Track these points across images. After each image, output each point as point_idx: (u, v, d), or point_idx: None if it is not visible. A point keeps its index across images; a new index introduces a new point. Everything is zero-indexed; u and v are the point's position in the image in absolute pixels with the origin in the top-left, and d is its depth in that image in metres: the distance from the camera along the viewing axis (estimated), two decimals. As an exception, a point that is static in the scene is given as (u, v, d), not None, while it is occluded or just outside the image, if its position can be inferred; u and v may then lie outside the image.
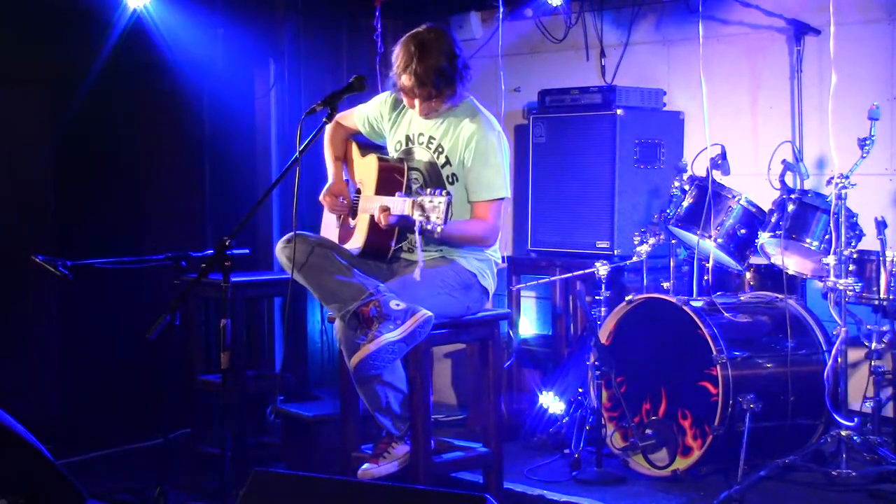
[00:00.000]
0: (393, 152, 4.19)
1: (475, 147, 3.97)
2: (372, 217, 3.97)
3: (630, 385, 4.71)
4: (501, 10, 5.36)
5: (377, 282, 3.89)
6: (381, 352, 3.72)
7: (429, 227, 3.58)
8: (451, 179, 4.04)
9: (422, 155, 4.10)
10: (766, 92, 5.34)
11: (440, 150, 4.06)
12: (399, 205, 3.73)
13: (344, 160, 4.33)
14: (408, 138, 4.14)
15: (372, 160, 4.12)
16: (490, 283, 4.12)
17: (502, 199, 4.01)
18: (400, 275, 4.02)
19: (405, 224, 3.78)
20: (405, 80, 3.93)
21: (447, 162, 4.04)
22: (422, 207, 3.60)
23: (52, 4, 5.29)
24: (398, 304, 3.76)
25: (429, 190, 3.65)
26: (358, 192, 4.18)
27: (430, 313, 3.76)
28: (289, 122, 6.05)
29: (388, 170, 4.07)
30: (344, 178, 4.29)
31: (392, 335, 3.71)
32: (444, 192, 3.59)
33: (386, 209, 3.77)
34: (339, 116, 4.09)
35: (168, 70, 5.64)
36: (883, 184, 4.99)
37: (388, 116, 4.21)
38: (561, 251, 5.47)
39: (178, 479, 4.68)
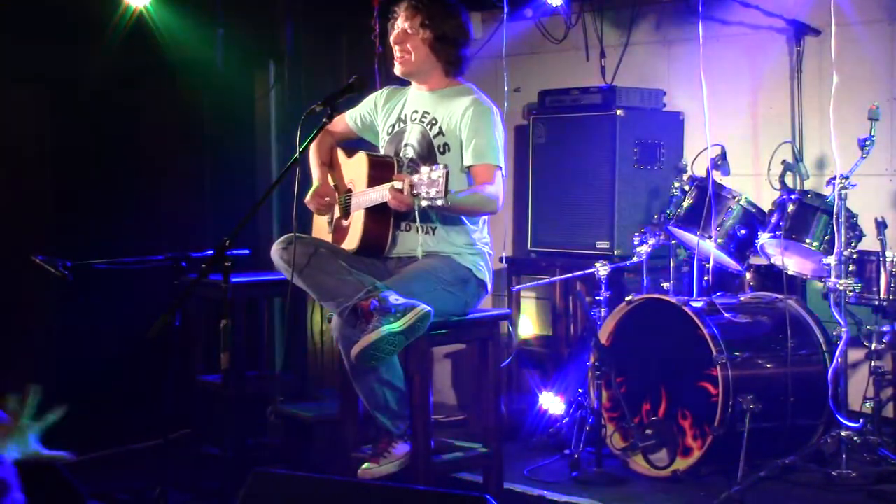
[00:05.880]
0: (385, 136, 4.21)
1: (471, 116, 4.00)
2: (367, 212, 3.98)
3: (630, 385, 4.71)
4: (506, 10, 5.36)
5: (374, 279, 3.89)
6: (383, 342, 3.70)
7: (431, 203, 3.57)
8: (442, 149, 4.05)
9: (413, 130, 4.13)
10: (767, 92, 5.34)
11: (434, 121, 4.09)
12: (398, 185, 3.70)
13: (330, 167, 4.33)
14: (400, 119, 4.18)
15: (361, 157, 4.13)
16: (486, 276, 4.12)
17: (500, 167, 4.02)
18: (396, 273, 4.02)
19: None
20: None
21: (440, 132, 4.06)
22: (420, 184, 3.58)
23: (52, 4, 5.29)
24: (398, 299, 3.75)
25: (423, 168, 3.63)
26: (348, 191, 4.18)
27: (429, 308, 3.76)
28: (289, 122, 6.04)
29: (379, 164, 4.08)
30: (333, 183, 4.30)
31: (393, 327, 3.70)
32: (440, 166, 3.57)
33: (398, 191, 3.71)
34: (328, 126, 4.11)
35: (168, 70, 5.65)
36: (883, 184, 4.99)
37: (382, 107, 4.27)
38: (561, 251, 5.47)
39: (178, 479, 4.68)
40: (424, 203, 3.58)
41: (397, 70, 4.16)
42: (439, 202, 3.55)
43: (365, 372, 3.94)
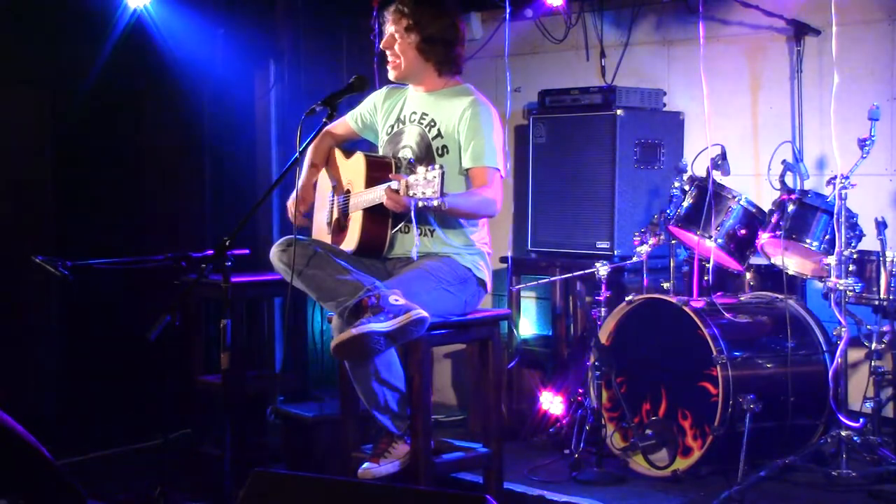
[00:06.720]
0: (384, 136, 4.21)
1: (469, 117, 3.99)
2: (365, 213, 3.97)
3: (630, 385, 4.71)
4: (508, 10, 5.36)
5: (374, 278, 3.89)
6: (363, 339, 3.66)
7: (427, 203, 3.57)
8: (440, 151, 4.04)
9: (412, 131, 4.12)
10: (767, 92, 5.34)
11: (432, 123, 4.08)
12: (395, 185, 3.71)
13: (328, 167, 4.33)
14: (399, 120, 4.18)
15: (359, 158, 4.13)
16: (486, 275, 4.12)
17: (498, 170, 4.02)
18: (396, 274, 4.02)
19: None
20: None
21: (438, 134, 4.06)
22: (416, 185, 3.58)
23: (52, 4, 5.29)
24: (397, 300, 3.74)
25: (419, 168, 3.63)
26: (347, 192, 4.18)
27: (425, 313, 3.74)
28: (289, 122, 6.05)
29: (376, 164, 4.08)
30: (331, 183, 4.30)
31: (379, 326, 3.67)
32: (436, 166, 3.58)
33: (394, 192, 3.72)
34: (329, 127, 4.11)
35: (168, 70, 5.65)
36: (883, 184, 5.00)
37: (381, 107, 4.27)
38: (561, 251, 5.46)
39: (178, 479, 4.68)
40: (420, 204, 3.58)
41: (390, 75, 4.16)
42: (435, 202, 3.55)
43: (365, 372, 3.94)
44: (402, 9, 4.07)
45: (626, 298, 4.76)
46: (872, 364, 4.36)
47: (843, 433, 4.26)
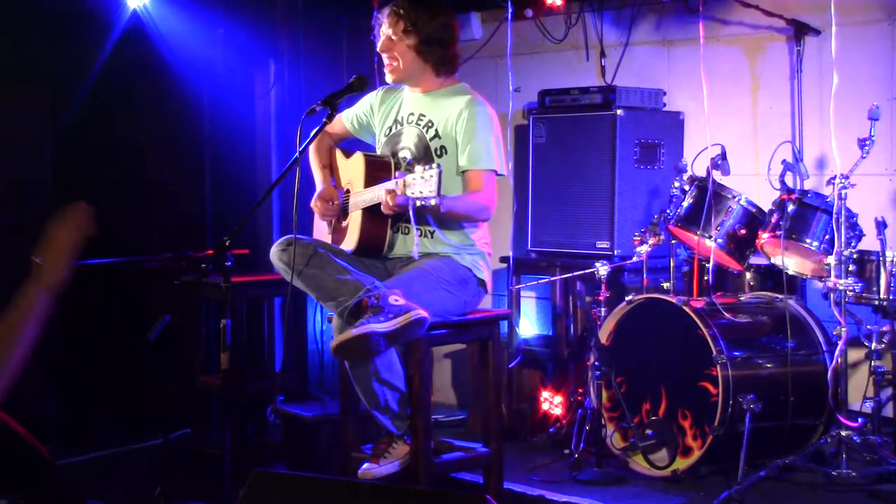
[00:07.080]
0: (382, 138, 4.21)
1: (466, 118, 3.99)
2: (364, 212, 3.98)
3: (630, 385, 4.71)
4: (510, 10, 5.35)
5: (374, 278, 3.89)
6: (363, 339, 3.67)
7: (424, 202, 3.57)
8: (439, 152, 4.05)
9: (410, 133, 4.12)
10: (766, 92, 5.34)
11: (430, 124, 4.08)
12: (392, 185, 3.72)
13: (328, 168, 4.34)
14: (397, 121, 4.18)
15: (358, 158, 4.14)
16: (485, 275, 4.12)
17: (495, 171, 4.01)
18: (396, 274, 4.02)
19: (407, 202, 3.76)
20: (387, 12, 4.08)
21: (436, 135, 4.06)
22: (414, 184, 3.59)
23: (52, 4, 5.29)
24: (397, 300, 3.74)
25: (417, 167, 3.64)
26: (346, 192, 4.19)
27: (425, 314, 3.74)
28: (289, 122, 6.04)
29: (375, 164, 4.09)
30: (331, 183, 4.30)
31: (379, 326, 3.67)
32: (433, 165, 3.58)
33: (391, 191, 3.74)
34: (326, 127, 4.12)
35: (168, 70, 5.65)
36: (883, 184, 5.00)
37: (378, 109, 4.27)
38: (561, 251, 5.47)
39: (178, 479, 4.68)
40: (418, 203, 3.59)
41: (388, 78, 4.16)
42: (432, 202, 3.55)
43: (365, 372, 3.94)
44: (399, 11, 4.06)
45: (626, 298, 4.76)
46: (872, 364, 4.36)
47: (843, 433, 4.26)
